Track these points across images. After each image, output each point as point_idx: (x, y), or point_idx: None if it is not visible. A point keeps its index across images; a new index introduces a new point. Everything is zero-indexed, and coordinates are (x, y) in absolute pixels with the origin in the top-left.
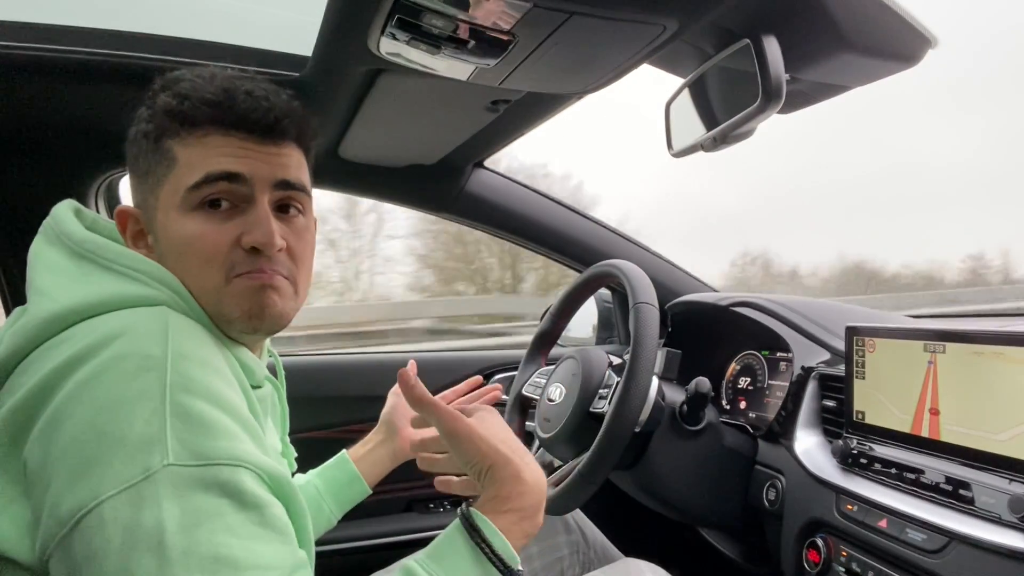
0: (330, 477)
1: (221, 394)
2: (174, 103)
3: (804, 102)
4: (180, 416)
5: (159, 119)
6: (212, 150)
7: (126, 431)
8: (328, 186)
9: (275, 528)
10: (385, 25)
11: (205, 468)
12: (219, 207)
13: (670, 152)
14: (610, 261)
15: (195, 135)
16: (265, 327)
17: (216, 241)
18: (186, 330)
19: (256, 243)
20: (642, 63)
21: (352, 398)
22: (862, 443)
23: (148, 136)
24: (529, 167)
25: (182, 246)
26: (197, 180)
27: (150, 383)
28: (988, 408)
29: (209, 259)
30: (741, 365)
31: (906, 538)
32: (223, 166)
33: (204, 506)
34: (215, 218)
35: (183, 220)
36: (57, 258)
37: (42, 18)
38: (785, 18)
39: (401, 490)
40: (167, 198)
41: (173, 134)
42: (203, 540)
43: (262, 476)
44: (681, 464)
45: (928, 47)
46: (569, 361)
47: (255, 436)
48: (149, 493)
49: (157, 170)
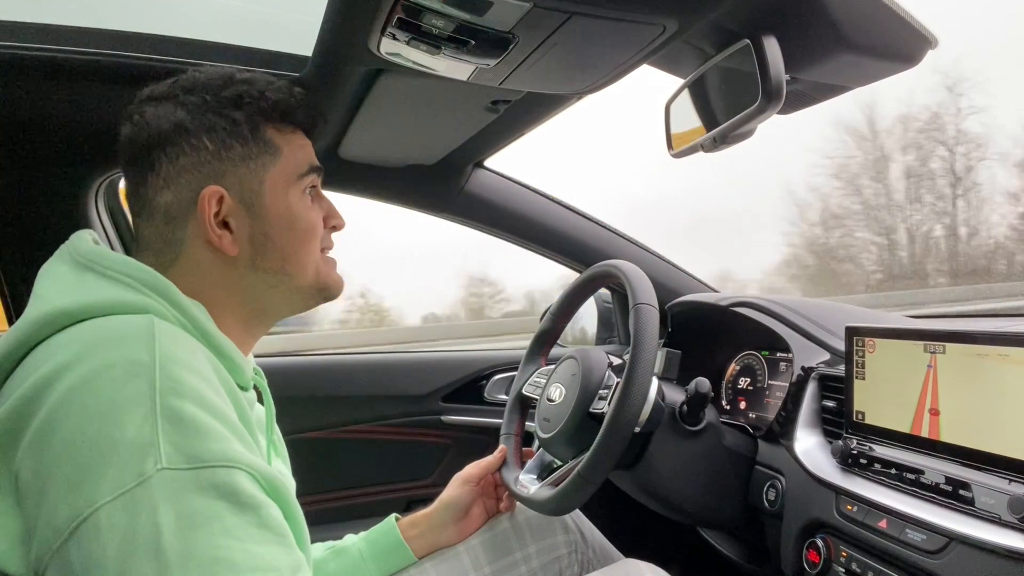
0: (374, 541)
1: (209, 399)
2: (276, 97)
3: (804, 102)
4: (171, 420)
5: (258, 108)
6: (300, 147)
7: (118, 437)
8: (327, 187)
9: (272, 529)
10: (385, 25)
11: (200, 471)
12: (309, 194)
13: (670, 153)
14: (610, 261)
15: (288, 128)
16: (337, 296)
17: (317, 220)
18: (172, 336)
19: (341, 226)
20: (642, 63)
21: (349, 398)
22: (862, 443)
23: (238, 124)
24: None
25: (294, 220)
26: (305, 170)
27: (139, 388)
28: (988, 408)
29: (313, 234)
30: (741, 365)
31: (906, 538)
32: (314, 161)
33: (200, 509)
34: (312, 203)
35: (295, 200)
36: (61, 270)
37: (42, 18)
38: (785, 18)
39: (400, 490)
40: (276, 181)
41: (273, 126)
42: (201, 543)
43: (256, 477)
44: (681, 464)
45: (928, 47)
46: (569, 361)
47: (244, 440)
48: (144, 498)
49: (261, 156)
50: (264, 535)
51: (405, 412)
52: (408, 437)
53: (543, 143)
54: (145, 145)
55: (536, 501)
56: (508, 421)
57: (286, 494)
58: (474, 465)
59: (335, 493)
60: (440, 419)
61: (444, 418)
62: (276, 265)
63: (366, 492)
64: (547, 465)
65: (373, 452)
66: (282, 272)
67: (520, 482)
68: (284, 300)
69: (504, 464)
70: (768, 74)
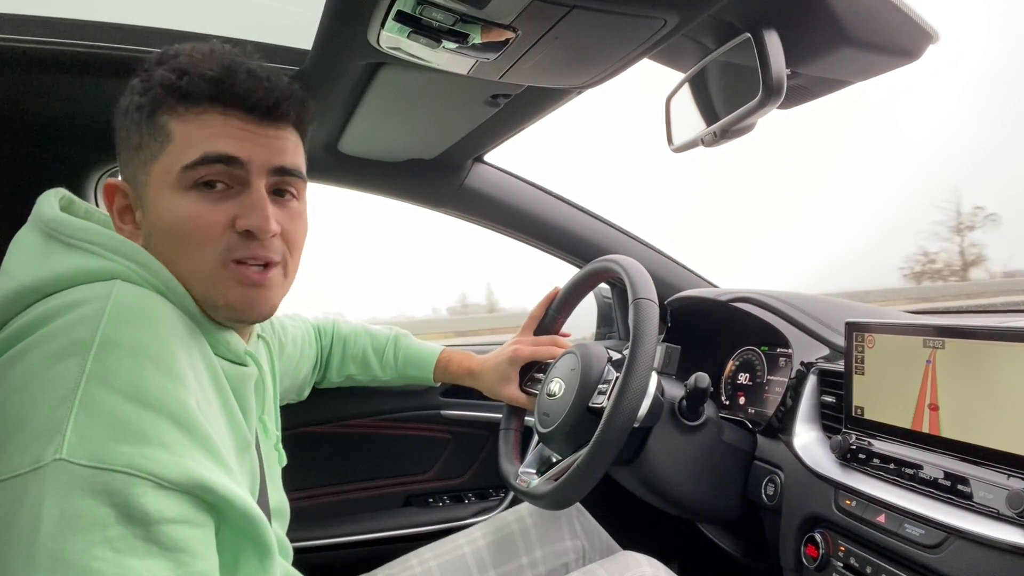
0: (409, 347)
1: (150, 391)
2: (172, 77)
3: (804, 97)
4: (89, 410)
5: (155, 92)
6: (209, 129)
7: (29, 416)
8: (327, 181)
9: (161, 544)
10: (385, 18)
11: (97, 472)
12: (214, 188)
13: (670, 147)
14: (610, 256)
15: (192, 112)
16: (249, 320)
17: (209, 222)
18: (131, 312)
19: (251, 227)
20: (643, 57)
21: (348, 393)
22: (861, 439)
23: (141, 109)
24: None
25: (174, 225)
26: (193, 160)
27: (68, 369)
28: (987, 404)
29: (202, 241)
30: (740, 360)
31: (904, 533)
32: (221, 148)
33: (86, 513)
34: (209, 199)
35: (176, 199)
36: (30, 240)
37: (38, 10)
38: (786, 12)
39: (398, 485)
40: (160, 175)
41: (169, 109)
42: (77, 549)
43: (170, 487)
44: (680, 459)
45: (929, 42)
46: (568, 356)
47: (196, 435)
48: (34, 487)
49: (151, 145)
50: (148, 549)
51: (404, 406)
52: (407, 431)
53: (544, 137)
54: None
55: (535, 495)
56: (507, 415)
57: (228, 504)
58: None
59: (333, 488)
60: (439, 413)
61: (443, 412)
62: (173, 271)
63: (365, 487)
64: (546, 459)
65: (372, 447)
66: (179, 279)
67: (520, 476)
68: (211, 312)
69: (505, 457)
70: (769, 68)
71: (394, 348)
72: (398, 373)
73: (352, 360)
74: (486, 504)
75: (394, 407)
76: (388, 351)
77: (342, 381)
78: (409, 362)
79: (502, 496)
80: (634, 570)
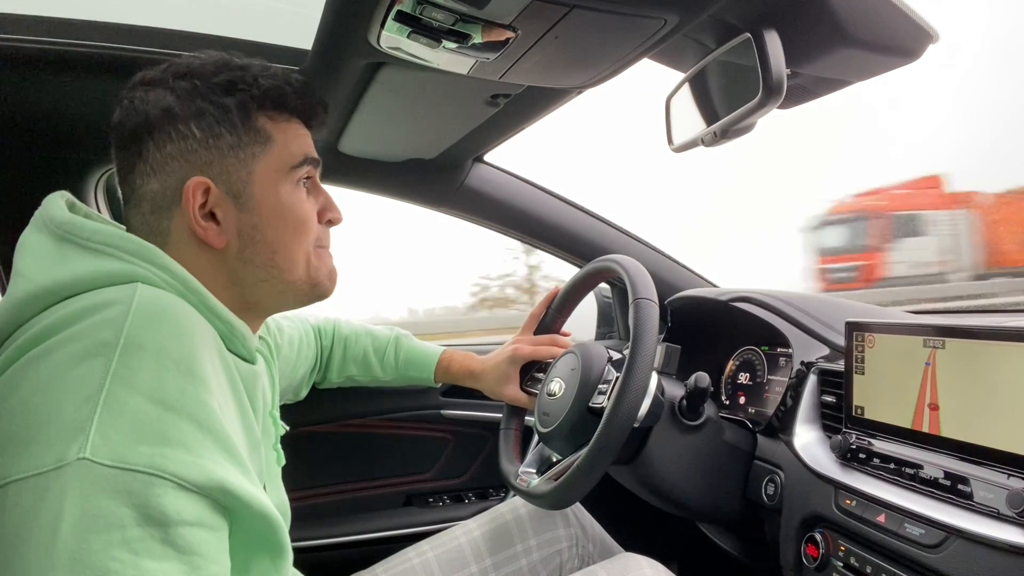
0: (410, 348)
1: (172, 393)
2: (269, 84)
3: (804, 97)
4: (113, 410)
5: (254, 96)
6: (296, 136)
7: (54, 415)
8: (327, 180)
9: (177, 547)
10: (385, 18)
11: (119, 472)
12: (305, 185)
13: (670, 147)
14: (610, 256)
15: (283, 117)
16: (326, 296)
17: (310, 214)
18: (154, 314)
19: (336, 221)
20: (643, 57)
21: (348, 392)
22: (861, 438)
23: (229, 110)
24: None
25: (283, 213)
26: (299, 161)
27: (92, 370)
28: (987, 404)
29: (304, 228)
30: (741, 360)
31: (904, 533)
32: (311, 152)
33: (106, 513)
34: (305, 193)
35: (288, 192)
36: (41, 242)
37: (40, 11)
38: (786, 12)
39: (399, 484)
40: (266, 173)
41: (267, 114)
42: (95, 550)
43: (191, 488)
44: (680, 459)
45: (930, 42)
46: (568, 356)
47: (216, 437)
48: (55, 486)
49: (251, 145)
50: (164, 551)
51: (404, 406)
52: (407, 431)
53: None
54: (134, 131)
55: (535, 495)
56: (508, 415)
57: (245, 507)
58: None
59: (334, 487)
60: (440, 413)
61: (444, 412)
62: (265, 259)
63: (365, 486)
64: (546, 459)
65: (372, 446)
66: (271, 266)
67: (520, 476)
68: (274, 295)
69: (505, 457)
70: (769, 68)
71: (395, 349)
72: (399, 374)
73: (353, 361)
74: (486, 504)
75: (394, 407)
76: (389, 352)
77: (343, 381)
78: (410, 363)
79: (502, 496)
80: (635, 572)
